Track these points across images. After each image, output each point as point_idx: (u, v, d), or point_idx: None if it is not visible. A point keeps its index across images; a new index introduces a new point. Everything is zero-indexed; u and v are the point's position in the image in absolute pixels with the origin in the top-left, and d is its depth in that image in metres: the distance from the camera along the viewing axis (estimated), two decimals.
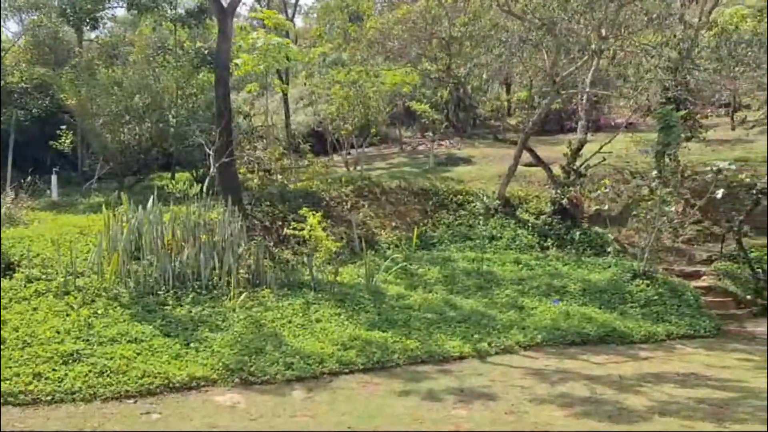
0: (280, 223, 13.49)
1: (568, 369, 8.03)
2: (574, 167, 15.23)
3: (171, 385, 7.27)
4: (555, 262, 13.30)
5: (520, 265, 13.21)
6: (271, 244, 12.40)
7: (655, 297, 10.80)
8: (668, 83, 14.48)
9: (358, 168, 17.52)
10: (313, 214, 10.92)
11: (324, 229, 11.32)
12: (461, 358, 8.66)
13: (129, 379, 7.21)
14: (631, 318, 10.20)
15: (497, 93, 25.04)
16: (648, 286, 11.08)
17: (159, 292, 9.38)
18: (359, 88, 16.26)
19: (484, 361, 8.61)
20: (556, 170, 15.82)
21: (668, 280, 11.43)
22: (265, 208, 13.51)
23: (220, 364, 7.76)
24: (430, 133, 21.76)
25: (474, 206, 16.16)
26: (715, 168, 11.14)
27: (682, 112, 14.26)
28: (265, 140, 16.60)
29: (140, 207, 10.52)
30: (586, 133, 16.32)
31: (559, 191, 15.05)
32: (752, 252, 12.98)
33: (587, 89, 15.87)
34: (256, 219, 12.90)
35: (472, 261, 13.35)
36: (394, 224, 15.47)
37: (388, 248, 14.15)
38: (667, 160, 10.75)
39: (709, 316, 10.60)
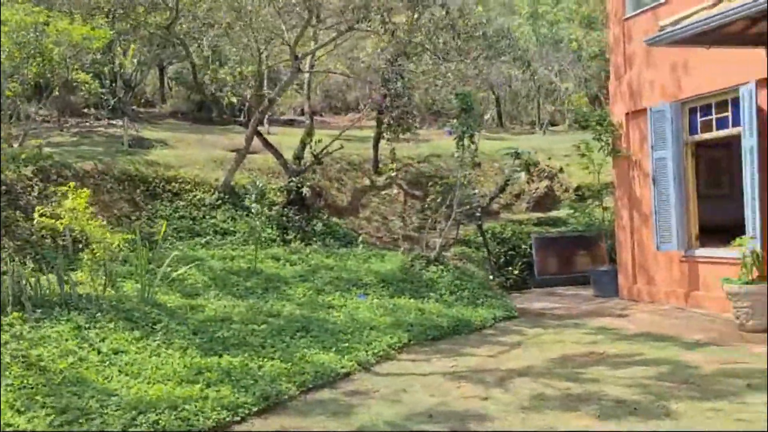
0: None
1: (479, 367, 6.94)
2: (314, 153, 14.08)
3: None
4: (315, 255, 11.97)
5: (281, 261, 11.52)
6: None
7: (457, 282, 10.48)
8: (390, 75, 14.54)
9: (32, 143, 12.93)
10: (77, 192, 7.30)
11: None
12: (348, 374, 6.74)
13: None
14: (454, 305, 9.64)
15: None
16: (444, 272, 10.71)
17: None
18: (40, 34, 11.97)
19: (376, 373, 6.88)
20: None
21: (458, 266, 11.30)
22: None
23: None
24: (92, 110, 17.88)
25: (195, 196, 13.62)
26: (513, 152, 11.46)
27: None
28: None
29: None
30: (312, 119, 15.33)
31: (295, 179, 13.67)
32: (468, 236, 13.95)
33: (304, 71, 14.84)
34: None
35: (224, 259, 11.13)
36: (101, 217, 11.87)
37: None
38: (466, 142, 10.55)
39: (507, 297, 10.79)
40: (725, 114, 9.72)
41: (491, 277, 13.06)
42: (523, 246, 13.86)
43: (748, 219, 9.06)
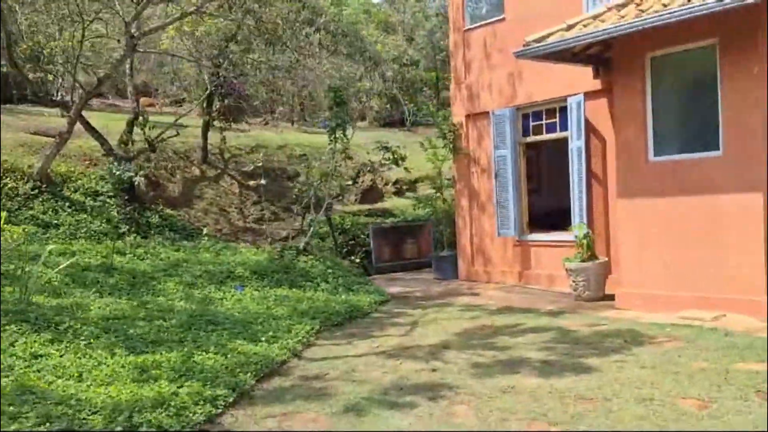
0: None
1: (401, 345, 7.41)
2: (149, 139, 13.17)
3: None
4: (163, 249, 11.47)
5: (127, 256, 10.82)
6: None
7: (330, 271, 10.77)
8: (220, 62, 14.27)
9: None
10: None
11: None
12: (284, 362, 6.77)
13: None
14: (337, 293, 9.94)
15: None
16: (315, 262, 10.92)
17: None
18: None
19: (310, 359, 6.99)
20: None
21: (325, 255, 11.54)
22: None
23: None
24: None
25: (5, 184, 11.99)
26: (383, 146, 11.86)
27: None
28: None
29: None
30: (137, 102, 14.27)
31: (126, 167, 12.73)
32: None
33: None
34: None
35: (64, 255, 10.16)
36: None
37: None
38: (339, 135, 10.78)
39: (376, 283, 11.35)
40: (553, 120, 11.45)
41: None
42: (362, 236, 14.59)
43: (575, 208, 10.84)
